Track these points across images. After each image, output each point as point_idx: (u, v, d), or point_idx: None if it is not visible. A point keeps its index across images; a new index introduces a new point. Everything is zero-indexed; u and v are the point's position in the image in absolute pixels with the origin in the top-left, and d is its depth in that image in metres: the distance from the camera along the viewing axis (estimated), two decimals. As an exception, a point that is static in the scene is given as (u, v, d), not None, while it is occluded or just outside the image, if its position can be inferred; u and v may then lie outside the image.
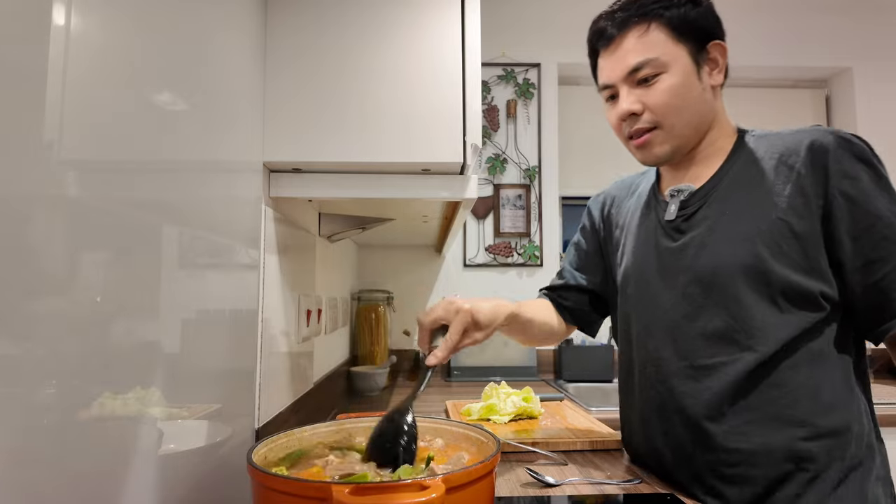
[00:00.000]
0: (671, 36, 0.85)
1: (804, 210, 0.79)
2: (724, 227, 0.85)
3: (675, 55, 0.85)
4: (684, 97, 0.85)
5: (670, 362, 0.88)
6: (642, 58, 0.85)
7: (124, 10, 0.55)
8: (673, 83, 0.85)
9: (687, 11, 0.85)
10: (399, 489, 0.51)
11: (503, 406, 1.32)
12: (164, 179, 0.64)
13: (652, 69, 0.85)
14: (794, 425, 0.79)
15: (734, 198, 0.85)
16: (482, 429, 0.74)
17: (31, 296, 0.43)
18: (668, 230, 0.92)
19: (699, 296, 0.85)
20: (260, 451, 0.67)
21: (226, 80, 0.83)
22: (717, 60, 0.88)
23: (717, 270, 0.83)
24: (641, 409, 0.95)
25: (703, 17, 0.87)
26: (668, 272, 0.90)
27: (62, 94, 0.45)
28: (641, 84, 0.86)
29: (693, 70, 0.86)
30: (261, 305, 0.98)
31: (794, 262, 0.79)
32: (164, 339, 0.64)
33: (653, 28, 0.85)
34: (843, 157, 0.78)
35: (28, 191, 0.42)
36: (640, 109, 0.87)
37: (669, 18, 0.85)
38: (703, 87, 0.87)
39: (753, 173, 0.85)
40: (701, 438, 0.84)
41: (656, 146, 0.89)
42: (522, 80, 2.54)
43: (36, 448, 0.43)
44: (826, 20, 2.63)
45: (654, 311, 0.92)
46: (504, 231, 2.51)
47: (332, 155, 0.99)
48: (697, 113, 0.87)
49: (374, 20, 1.01)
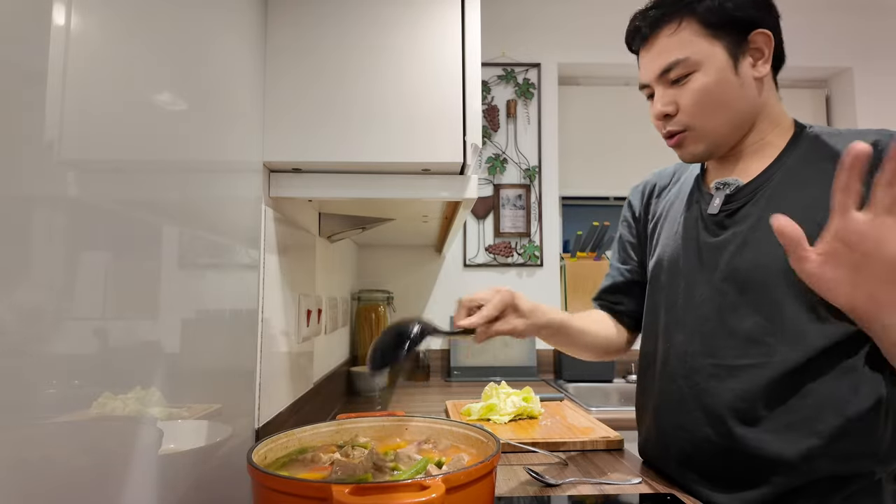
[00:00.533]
0: (704, 32, 0.82)
1: None
2: (769, 227, 0.80)
3: (707, 52, 0.82)
4: (718, 96, 0.82)
5: (696, 358, 0.86)
6: (673, 58, 0.83)
7: (124, 10, 0.55)
8: (705, 82, 0.82)
9: (723, 2, 0.81)
10: (399, 489, 0.51)
11: (503, 406, 1.32)
12: (164, 179, 0.64)
13: (683, 69, 0.83)
14: (814, 437, 0.76)
15: (783, 197, 0.81)
16: (482, 429, 0.74)
17: (31, 295, 0.43)
18: (710, 224, 0.88)
19: (734, 294, 0.82)
20: (260, 451, 0.67)
21: (226, 80, 0.83)
22: (762, 50, 0.83)
23: (757, 270, 0.80)
24: (657, 402, 0.93)
25: (743, 5, 0.82)
26: (705, 267, 0.87)
27: (62, 94, 0.45)
28: (675, 84, 0.84)
29: (729, 66, 0.82)
30: (261, 305, 0.98)
31: None
32: (164, 339, 0.64)
33: (684, 25, 0.82)
34: None
35: (28, 191, 0.42)
36: (673, 110, 0.85)
37: (702, 13, 0.81)
38: (743, 82, 0.83)
39: (808, 173, 0.81)
40: (716, 438, 0.82)
41: (689, 146, 0.87)
42: (522, 80, 2.54)
43: (36, 448, 0.43)
44: (826, 20, 2.63)
45: (685, 304, 0.89)
46: (504, 231, 2.51)
47: (332, 155, 0.99)
48: (735, 110, 0.84)
49: (375, 20, 1.01)
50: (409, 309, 2.47)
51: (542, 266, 2.50)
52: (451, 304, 2.48)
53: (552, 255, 2.52)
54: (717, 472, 0.83)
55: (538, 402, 1.36)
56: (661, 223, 1.00)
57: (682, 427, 0.87)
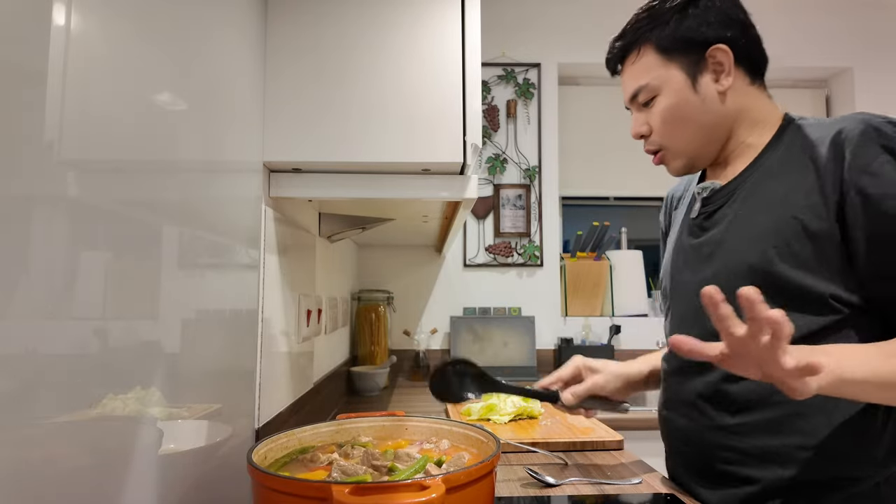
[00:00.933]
0: (660, 57, 0.86)
1: (822, 208, 0.74)
2: (740, 225, 0.82)
3: (665, 76, 0.86)
4: (681, 115, 0.86)
5: (679, 358, 0.88)
6: (636, 85, 0.88)
7: (124, 10, 0.55)
8: (666, 105, 0.86)
9: (675, 26, 0.85)
10: (399, 489, 0.51)
11: (503, 406, 1.32)
12: (164, 179, 0.64)
13: (646, 94, 0.88)
14: (798, 435, 0.76)
15: (756, 195, 0.82)
16: (482, 429, 0.74)
17: (31, 295, 0.43)
18: (693, 227, 0.91)
19: None
20: (260, 451, 0.67)
21: (226, 80, 0.83)
22: (722, 64, 0.84)
23: (726, 270, 0.82)
24: (664, 398, 0.95)
25: (696, 26, 0.84)
26: (688, 270, 0.90)
27: (62, 94, 0.45)
28: (645, 107, 0.89)
29: (687, 85, 0.85)
30: (261, 305, 0.98)
31: (806, 262, 0.74)
32: (164, 339, 0.64)
33: (643, 52, 0.88)
34: (864, 149, 0.71)
35: (28, 191, 0.42)
36: (646, 131, 0.90)
37: (656, 40, 0.86)
38: (704, 98, 0.85)
39: (783, 169, 0.81)
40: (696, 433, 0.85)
41: (670, 162, 0.91)
42: (522, 80, 2.54)
43: (36, 448, 0.43)
44: (826, 20, 2.63)
45: (674, 307, 0.93)
46: (504, 231, 2.51)
47: (332, 155, 0.99)
48: (700, 125, 0.86)
49: (375, 20, 1.01)
50: (409, 309, 2.48)
51: (542, 266, 2.50)
52: (451, 304, 2.48)
53: (552, 255, 2.52)
54: (709, 470, 0.84)
55: (538, 402, 1.35)
56: (671, 233, 1.03)
57: (673, 425, 0.90)
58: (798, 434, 0.76)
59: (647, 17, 0.87)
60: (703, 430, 0.84)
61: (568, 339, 2.42)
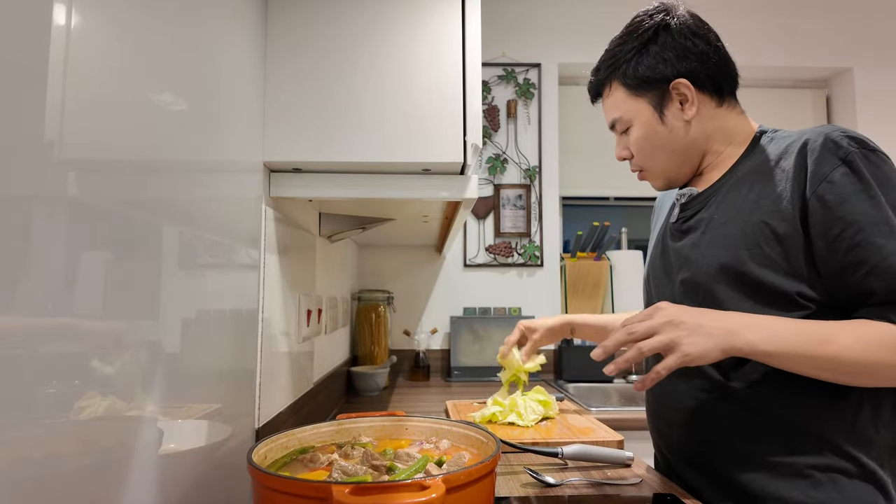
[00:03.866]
0: (628, 93, 0.93)
1: (787, 212, 0.79)
2: (714, 230, 0.87)
3: (634, 110, 0.93)
4: (652, 143, 0.93)
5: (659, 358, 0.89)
6: (612, 117, 0.97)
7: (124, 10, 0.55)
8: (638, 136, 0.94)
9: (636, 65, 0.91)
10: (399, 489, 0.51)
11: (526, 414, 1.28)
12: (164, 179, 0.64)
13: (621, 125, 0.96)
14: (779, 424, 0.80)
15: (729, 201, 0.87)
16: (482, 429, 0.74)
17: (32, 295, 0.43)
18: (673, 232, 0.96)
19: (688, 296, 0.88)
20: (260, 451, 0.67)
21: (226, 81, 0.83)
22: (686, 95, 0.90)
23: (700, 271, 0.86)
24: (647, 404, 1.01)
25: (654, 63, 0.90)
26: (668, 272, 0.95)
27: (62, 95, 0.45)
28: (623, 133, 0.97)
29: (654, 118, 0.92)
30: (261, 305, 0.98)
31: (775, 263, 0.79)
32: (164, 339, 0.64)
33: (613, 88, 0.95)
34: (824, 159, 0.77)
35: (29, 191, 0.42)
36: (627, 155, 0.98)
37: (622, 78, 0.93)
38: (671, 129, 0.91)
39: (757, 176, 0.85)
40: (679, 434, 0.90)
41: (651, 181, 1.00)
42: (523, 80, 2.54)
43: (36, 447, 0.43)
44: (826, 20, 2.63)
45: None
46: (504, 231, 2.51)
47: (332, 155, 0.99)
48: (671, 151, 0.93)
49: (375, 20, 1.01)
50: (409, 309, 2.48)
51: (543, 266, 2.50)
52: (451, 304, 2.48)
53: (552, 255, 2.52)
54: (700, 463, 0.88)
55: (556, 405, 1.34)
56: (652, 236, 1.10)
57: (660, 425, 0.96)
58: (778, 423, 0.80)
59: (612, 56, 0.95)
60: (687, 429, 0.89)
61: (568, 339, 2.41)
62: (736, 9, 2.58)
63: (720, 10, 2.67)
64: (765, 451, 0.81)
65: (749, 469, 0.82)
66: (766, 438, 0.81)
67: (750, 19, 2.57)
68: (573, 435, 1.16)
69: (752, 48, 2.54)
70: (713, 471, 0.86)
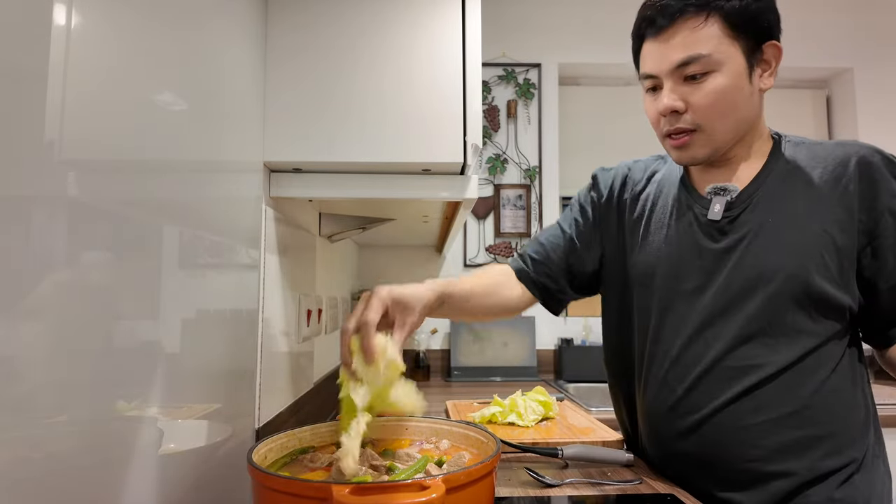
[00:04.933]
0: (727, 32, 0.79)
1: (847, 225, 0.80)
2: (770, 233, 0.83)
3: (728, 53, 0.79)
4: (732, 100, 0.81)
5: (697, 362, 0.86)
6: (693, 52, 0.79)
7: (125, 10, 0.55)
8: (722, 84, 0.80)
9: (749, 4, 0.80)
10: (399, 489, 0.51)
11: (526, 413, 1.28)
12: (164, 179, 0.64)
13: (702, 66, 0.79)
14: (809, 426, 0.81)
15: (777, 204, 0.84)
16: (482, 429, 0.74)
17: (32, 295, 0.43)
18: (711, 230, 0.87)
19: (738, 298, 0.84)
20: (260, 451, 0.67)
21: (226, 81, 0.83)
22: (771, 63, 0.83)
23: (762, 276, 0.82)
24: (650, 407, 0.93)
25: (764, 12, 0.82)
26: (707, 272, 0.87)
27: (63, 95, 0.45)
28: (688, 80, 0.81)
29: (745, 71, 0.81)
30: (261, 305, 0.98)
31: (831, 275, 0.80)
32: (164, 339, 0.64)
33: (710, 21, 0.79)
34: (891, 175, 0.79)
35: (29, 191, 0.42)
36: (682, 108, 0.82)
37: (728, 12, 0.79)
38: (752, 91, 0.83)
39: (795, 181, 0.84)
40: (717, 438, 0.84)
41: (695, 148, 0.85)
42: (523, 80, 2.54)
43: (37, 447, 0.43)
44: (826, 20, 2.63)
45: (686, 309, 0.88)
46: (504, 231, 2.51)
47: (332, 155, 0.99)
48: (742, 118, 0.83)
49: (375, 20, 1.01)
50: (409, 309, 2.47)
51: (543, 266, 2.50)
52: (451, 304, 2.47)
53: (552, 255, 2.52)
54: (722, 472, 0.85)
55: (556, 405, 1.34)
56: (642, 224, 0.97)
57: (680, 433, 0.88)
58: (811, 426, 0.81)
59: None
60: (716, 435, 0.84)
61: (568, 339, 2.42)
62: (736, 9, 2.58)
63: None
64: (765, 451, 0.81)
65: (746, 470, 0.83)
66: (766, 437, 0.81)
67: (750, 19, 2.57)
68: (573, 435, 1.16)
69: (753, 48, 2.54)
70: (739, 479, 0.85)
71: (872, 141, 0.83)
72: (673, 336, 0.89)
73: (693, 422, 0.86)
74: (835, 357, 0.83)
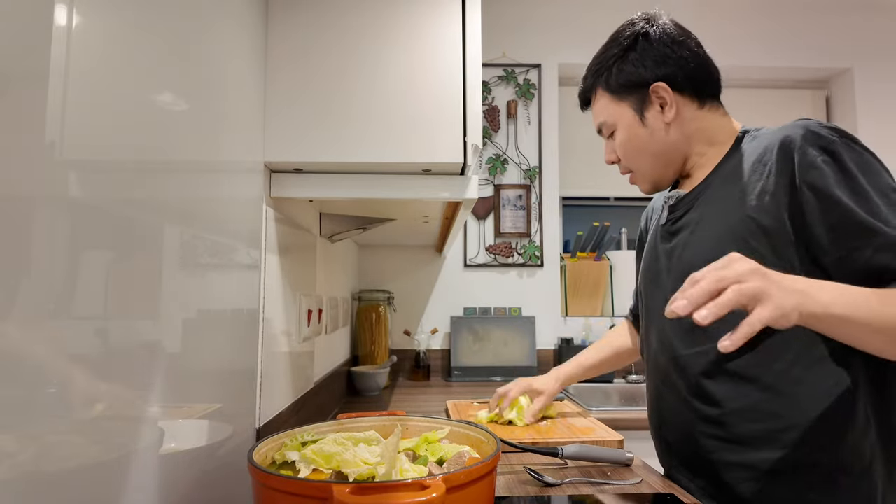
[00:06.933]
0: (611, 98, 0.98)
1: (772, 206, 0.80)
2: (703, 228, 0.90)
3: (617, 114, 0.97)
4: (635, 146, 0.97)
5: (660, 357, 0.95)
6: (597, 121, 1.02)
7: (125, 10, 0.55)
8: (621, 139, 0.98)
9: (617, 71, 0.95)
10: (399, 489, 0.51)
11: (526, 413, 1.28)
12: (165, 180, 0.64)
13: (607, 129, 1.01)
14: (772, 418, 0.81)
15: (715, 200, 0.90)
16: (482, 428, 0.74)
17: (32, 295, 0.43)
18: (664, 234, 0.99)
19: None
20: (261, 451, 0.67)
21: (227, 81, 0.83)
22: (665, 98, 0.93)
23: (691, 269, 0.83)
24: (648, 403, 1.03)
25: (634, 69, 0.94)
26: (661, 274, 0.97)
27: (63, 95, 0.45)
28: (609, 138, 1.02)
29: (636, 121, 0.95)
30: (262, 305, 0.98)
31: (763, 257, 0.79)
32: (165, 339, 0.64)
33: (598, 95, 1.00)
34: (808, 149, 0.78)
35: (29, 191, 0.42)
36: (615, 158, 1.02)
37: (604, 84, 0.98)
38: (652, 131, 0.95)
39: (736, 175, 0.88)
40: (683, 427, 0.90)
41: (640, 183, 1.03)
42: (523, 80, 2.54)
43: (36, 447, 0.43)
44: (826, 20, 2.63)
45: (654, 309, 0.99)
46: (504, 231, 2.51)
47: (332, 155, 0.99)
48: (653, 153, 0.96)
49: (375, 20, 1.01)
50: (409, 309, 2.48)
51: (543, 266, 2.50)
52: (451, 305, 2.48)
53: (552, 255, 2.52)
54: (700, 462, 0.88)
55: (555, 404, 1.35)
56: (646, 243, 1.10)
57: (662, 421, 0.96)
58: (776, 419, 0.81)
59: (597, 64, 1.00)
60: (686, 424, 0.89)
61: (568, 339, 2.42)
62: (735, 10, 2.58)
63: (720, 11, 2.67)
64: (764, 453, 0.81)
65: (743, 471, 0.83)
66: (766, 439, 0.81)
67: (750, 20, 2.57)
68: (573, 435, 1.16)
69: (752, 49, 2.54)
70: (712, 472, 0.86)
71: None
72: (651, 336, 1.00)
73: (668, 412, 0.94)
74: (793, 344, 0.80)
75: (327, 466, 0.65)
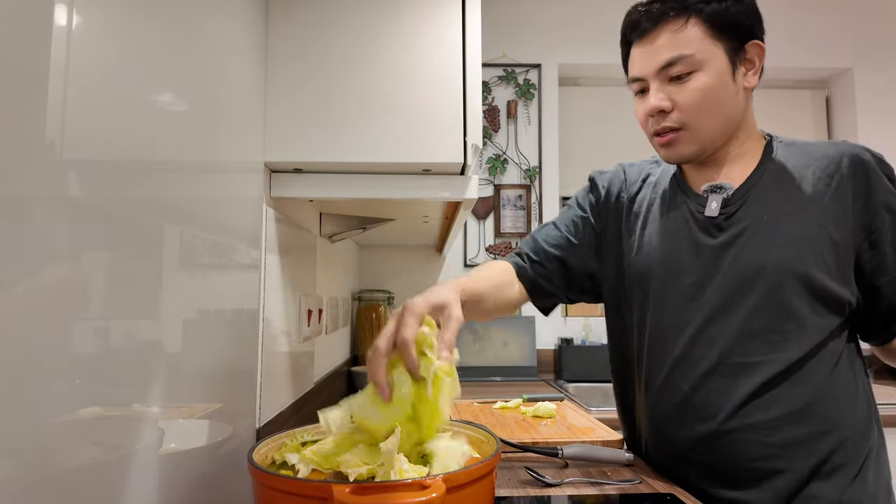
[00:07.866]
0: (709, 32, 0.82)
1: (842, 220, 0.82)
2: (767, 229, 0.84)
3: (711, 53, 0.82)
4: (716, 98, 0.83)
5: (701, 360, 0.86)
6: (676, 53, 0.82)
7: (125, 10, 0.55)
8: (706, 82, 0.82)
9: (729, 6, 0.82)
10: (399, 489, 0.51)
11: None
12: (165, 179, 0.64)
13: (685, 66, 0.82)
14: (817, 421, 0.82)
15: (772, 202, 0.85)
16: (483, 428, 0.74)
17: (33, 295, 0.43)
18: (708, 226, 0.88)
19: (739, 294, 0.84)
20: (261, 451, 0.67)
21: (227, 80, 0.83)
22: (754, 61, 0.86)
23: (763, 271, 0.83)
24: (652, 404, 0.93)
25: (745, 13, 0.84)
26: (705, 268, 0.87)
27: (63, 95, 0.45)
28: (673, 81, 0.84)
29: (728, 70, 0.83)
30: (262, 305, 0.98)
31: (830, 269, 0.81)
32: (165, 339, 0.64)
33: (691, 23, 0.82)
34: (880, 174, 0.82)
35: (30, 191, 0.42)
36: (669, 107, 0.84)
37: (709, 14, 0.82)
38: (737, 89, 0.85)
39: (789, 179, 0.86)
40: (724, 435, 0.84)
41: (682, 146, 0.87)
42: (523, 80, 2.54)
43: (37, 447, 0.43)
44: (826, 20, 2.63)
45: (684, 306, 0.88)
46: (504, 231, 2.51)
47: (333, 155, 0.99)
48: (727, 115, 0.85)
49: (375, 20, 1.01)
50: (409, 309, 2.47)
51: (543, 266, 2.50)
52: (451, 305, 2.48)
53: (552, 255, 2.52)
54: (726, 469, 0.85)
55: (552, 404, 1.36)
56: (638, 225, 0.98)
57: (684, 432, 0.88)
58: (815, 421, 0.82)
59: None
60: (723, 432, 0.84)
61: (568, 339, 2.42)
62: (736, 9, 2.58)
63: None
64: (772, 449, 0.82)
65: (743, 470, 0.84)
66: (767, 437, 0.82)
67: (750, 20, 2.57)
68: (573, 435, 1.16)
69: (753, 48, 2.54)
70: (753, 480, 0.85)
71: (872, 141, 0.84)
72: (674, 334, 0.89)
73: (705, 432, 0.85)
74: (836, 352, 0.84)
75: (327, 466, 0.65)
